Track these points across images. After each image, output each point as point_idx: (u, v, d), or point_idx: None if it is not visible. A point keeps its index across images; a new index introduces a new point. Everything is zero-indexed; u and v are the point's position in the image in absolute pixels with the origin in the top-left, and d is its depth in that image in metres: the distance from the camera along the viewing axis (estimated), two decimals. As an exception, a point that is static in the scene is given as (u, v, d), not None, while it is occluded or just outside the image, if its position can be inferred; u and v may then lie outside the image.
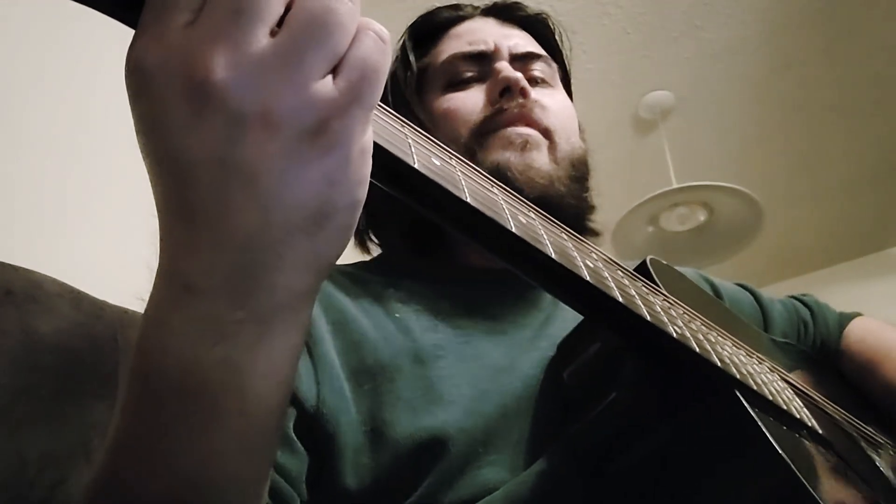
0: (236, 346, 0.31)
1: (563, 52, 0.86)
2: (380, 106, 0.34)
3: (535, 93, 0.73)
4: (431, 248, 0.73)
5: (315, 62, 0.27)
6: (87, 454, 0.62)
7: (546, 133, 0.72)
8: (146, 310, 0.33)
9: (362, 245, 0.80)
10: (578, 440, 0.51)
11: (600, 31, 2.11)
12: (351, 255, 0.75)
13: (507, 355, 0.61)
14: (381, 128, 0.34)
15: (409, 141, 0.35)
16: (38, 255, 0.98)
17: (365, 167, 0.30)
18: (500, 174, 0.66)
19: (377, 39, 0.29)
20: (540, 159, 0.69)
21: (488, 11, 0.83)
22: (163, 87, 0.26)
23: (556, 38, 0.85)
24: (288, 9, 0.27)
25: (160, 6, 0.27)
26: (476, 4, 0.85)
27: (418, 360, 0.58)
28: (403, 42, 0.82)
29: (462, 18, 0.82)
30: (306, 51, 0.27)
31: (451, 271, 0.73)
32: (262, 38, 0.26)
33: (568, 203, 0.69)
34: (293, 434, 0.52)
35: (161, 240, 0.31)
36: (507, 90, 0.71)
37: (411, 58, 0.79)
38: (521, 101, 0.71)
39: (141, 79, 0.27)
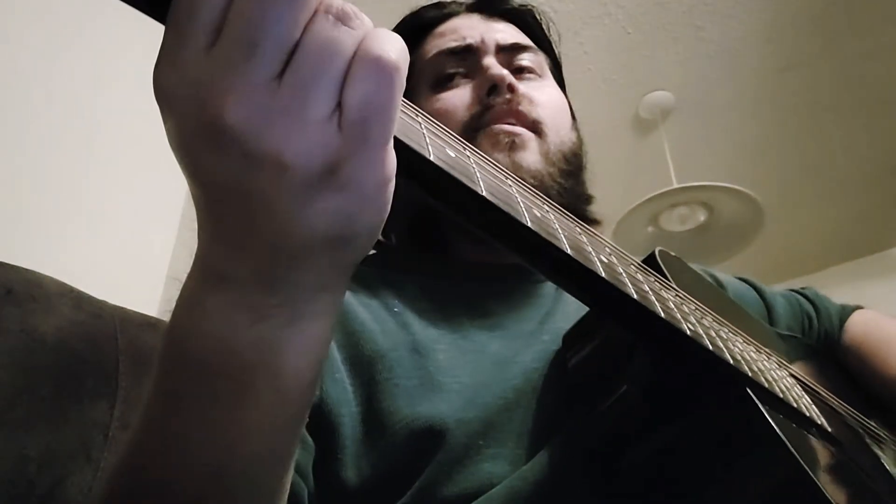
0: (271, 326, 0.31)
1: (552, 41, 0.85)
2: None
3: (523, 86, 0.72)
4: (431, 244, 0.73)
5: (318, 99, 0.26)
6: (87, 453, 0.62)
7: (535, 127, 0.71)
8: (180, 294, 0.34)
9: None
10: (584, 434, 0.50)
11: (601, 31, 2.11)
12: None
13: (508, 348, 0.60)
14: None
15: (424, 132, 0.35)
16: (38, 255, 0.97)
17: (385, 195, 0.30)
18: None
19: (378, 70, 0.27)
20: (528, 158, 0.69)
21: (472, 7, 0.82)
22: (181, 115, 0.27)
23: (543, 28, 0.85)
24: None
25: (181, 26, 0.26)
26: (460, 1, 0.84)
27: (416, 352, 0.58)
28: None
29: (447, 16, 0.81)
30: (309, 88, 0.26)
31: (450, 267, 0.72)
32: (271, 75, 0.26)
33: (558, 201, 0.69)
34: None
35: (199, 227, 0.32)
36: (494, 88, 0.71)
37: None
38: (508, 97, 0.70)
39: (162, 101, 0.27)
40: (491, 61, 0.73)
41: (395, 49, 0.28)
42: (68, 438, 0.62)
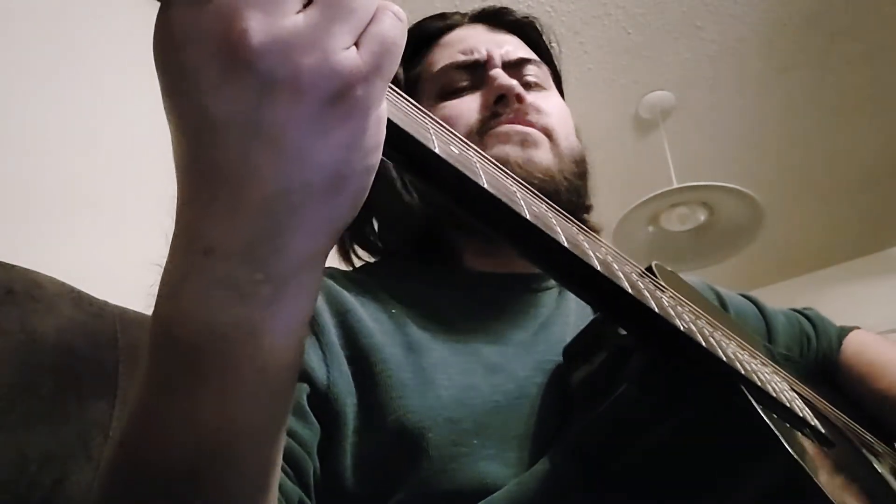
0: (254, 306, 0.32)
1: (553, 53, 0.87)
2: (404, 97, 0.37)
3: (530, 97, 0.74)
4: (438, 256, 0.74)
5: (341, 33, 0.28)
6: (87, 453, 0.62)
7: (545, 132, 0.73)
8: (161, 279, 0.34)
9: (346, 259, 0.80)
10: (581, 439, 0.51)
11: (601, 31, 2.11)
12: (334, 264, 0.75)
13: (501, 354, 0.62)
14: (405, 114, 0.36)
15: (430, 128, 0.37)
16: (39, 255, 0.97)
17: (379, 134, 0.32)
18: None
19: (395, 18, 0.31)
20: (540, 155, 0.70)
21: (476, 18, 0.84)
22: (197, 48, 0.27)
23: (545, 40, 0.86)
24: None
25: None
26: (463, 12, 0.85)
27: (411, 350, 0.60)
28: None
29: (451, 27, 0.82)
30: (334, 23, 0.28)
31: (451, 275, 0.73)
32: (295, 9, 0.28)
33: (566, 198, 0.70)
34: (307, 407, 0.54)
35: (180, 205, 0.32)
36: (502, 98, 0.72)
37: (399, 70, 0.80)
38: (516, 106, 0.72)
39: (174, 37, 0.28)
40: (498, 72, 0.75)
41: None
42: (69, 438, 0.62)
